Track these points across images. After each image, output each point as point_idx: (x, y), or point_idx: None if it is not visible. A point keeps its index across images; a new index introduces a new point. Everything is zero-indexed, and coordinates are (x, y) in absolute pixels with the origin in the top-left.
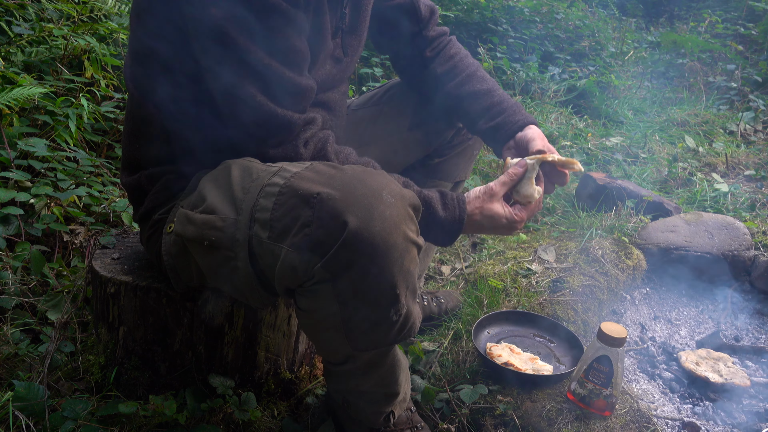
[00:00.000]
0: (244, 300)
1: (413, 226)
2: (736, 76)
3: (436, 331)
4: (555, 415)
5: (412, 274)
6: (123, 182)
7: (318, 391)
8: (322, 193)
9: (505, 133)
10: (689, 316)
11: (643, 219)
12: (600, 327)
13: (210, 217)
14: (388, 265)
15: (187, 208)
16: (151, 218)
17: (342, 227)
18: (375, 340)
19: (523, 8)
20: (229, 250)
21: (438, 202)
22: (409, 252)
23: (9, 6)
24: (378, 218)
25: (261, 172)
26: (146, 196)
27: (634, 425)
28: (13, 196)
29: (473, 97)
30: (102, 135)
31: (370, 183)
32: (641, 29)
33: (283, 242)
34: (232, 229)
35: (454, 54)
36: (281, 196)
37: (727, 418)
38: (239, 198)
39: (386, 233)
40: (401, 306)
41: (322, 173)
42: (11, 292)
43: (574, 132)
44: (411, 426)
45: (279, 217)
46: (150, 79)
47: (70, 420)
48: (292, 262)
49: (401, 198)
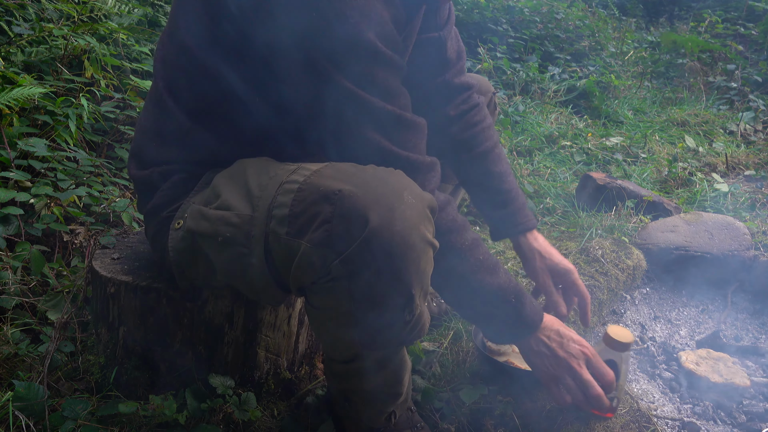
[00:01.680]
0: (256, 297)
1: (431, 227)
2: (736, 76)
3: (436, 331)
4: (555, 415)
5: (427, 276)
6: (131, 174)
7: (318, 391)
8: (343, 190)
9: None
10: (689, 316)
11: (643, 219)
12: (606, 331)
13: (225, 213)
14: (406, 265)
15: (200, 204)
16: (159, 214)
17: (363, 225)
18: (386, 339)
19: (523, 8)
20: (244, 247)
21: (527, 297)
22: (426, 253)
23: (9, 6)
24: (399, 218)
25: (278, 170)
26: (156, 191)
27: (634, 425)
28: (13, 196)
29: (484, 175)
30: (102, 135)
31: (391, 182)
32: (641, 29)
33: (302, 238)
34: (247, 226)
35: (477, 122)
36: (301, 192)
37: (727, 418)
38: (256, 195)
39: (406, 233)
40: (415, 306)
41: (343, 171)
42: (11, 292)
43: (574, 132)
44: (411, 426)
45: (298, 213)
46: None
47: (70, 420)
48: (310, 257)
49: (421, 199)
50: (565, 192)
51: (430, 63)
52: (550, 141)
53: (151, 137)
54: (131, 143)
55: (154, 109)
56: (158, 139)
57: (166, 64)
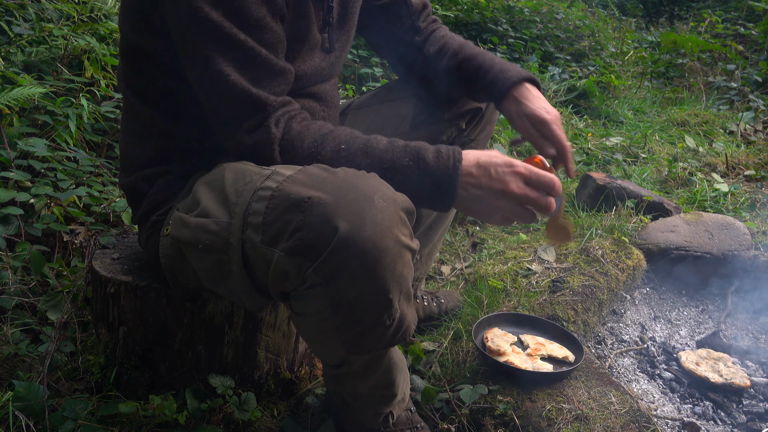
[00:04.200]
0: (240, 303)
1: (406, 230)
2: (736, 76)
3: (436, 331)
4: (555, 415)
5: (405, 279)
6: (121, 184)
7: (318, 391)
8: (313, 198)
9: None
10: (689, 316)
11: (643, 219)
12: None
13: (204, 221)
14: (380, 270)
15: (182, 211)
16: (149, 220)
17: (333, 232)
18: (369, 344)
19: (523, 8)
20: (223, 254)
21: (430, 151)
22: (402, 256)
23: (9, 6)
24: (369, 223)
25: (254, 175)
26: (144, 198)
27: (634, 425)
28: (13, 196)
29: (467, 61)
30: (102, 135)
31: (361, 187)
32: (641, 29)
33: (275, 246)
34: (225, 233)
35: (443, 35)
36: (273, 200)
37: (727, 418)
38: (232, 201)
39: (378, 238)
40: (394, 310)
41: (315, 176)
42: (11, 292)
43: (574, 132)
44: (411, 426)
45: (271, 222)
46: (140, 77)
47: (70, 420)
48: (284, 266)
49: (393, 202)
50: (565, 192)
51: (399, 21)
52: None
53: (128, 141)
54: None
55: (125, 113)
56: (133, 139)
57: (123, 63)
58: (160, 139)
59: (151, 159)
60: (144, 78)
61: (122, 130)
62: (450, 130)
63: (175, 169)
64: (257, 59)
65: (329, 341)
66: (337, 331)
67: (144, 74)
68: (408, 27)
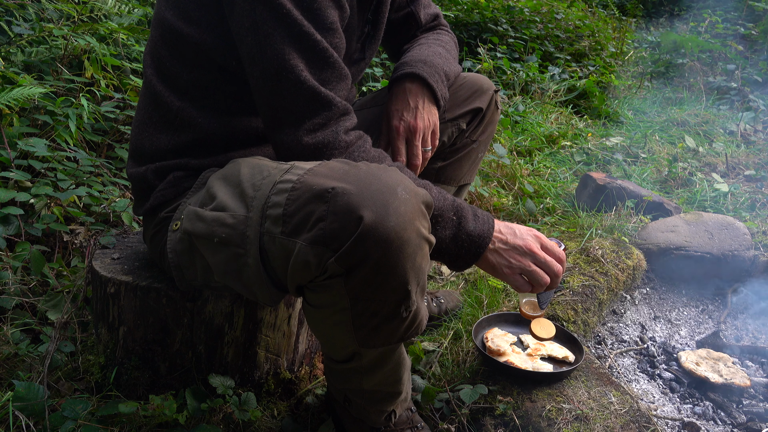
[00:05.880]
0: (253, 297)
1: (426, 222)
2: (736, 76)
3: (436, 331)
4: (555, 415)
5: (423, 272)
6: (129, 172)
7: (318, 391)
8: (336, 188)
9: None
10: (689, 316)
11: (643, 219)
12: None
13: (220, 215)
14: (402, 261)
15: (195, 206)
16: (157, 215)
17: (357, 221)
18: (383, 337)
19: (523, 8)
20: (239, 247)
21: (469, 211)
22: (422, 248)
23: (9, 6)
24: (393, 214)
25: (272, 170)
26: (152, 191)
27: (634, 425)
28: (13, 196)
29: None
30: (102, 135)
31: (384, 179)
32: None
33: (297, 237)
34: (242, 226)
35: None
36: (294, 191)
37: (727, 418)
38: (250, 195)
39: (401, 229)
40: (412, 303)
41: (336, 169)
42: (11, 292)
43: (574, 132)
44: (411, 426)
45: (292, 212)
46: (177, 65)
47: (70, 420)
48: (306, 256)
49: (415, 195)
50: (565, 192)
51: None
52: (550, 141)
53: (143, 129)
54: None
55: (144, 101)
56: (150, 128)
57: (154, 51)
58: (179, 130)
59: (165, 151)
60: (180, 66)
61: (138, 119)
62: (450, 130)
63: (188, 164)
64: (329, 60)
65: (342, 334)
66: (353, 323)
67: (182, 62)
68: (410, 37)
